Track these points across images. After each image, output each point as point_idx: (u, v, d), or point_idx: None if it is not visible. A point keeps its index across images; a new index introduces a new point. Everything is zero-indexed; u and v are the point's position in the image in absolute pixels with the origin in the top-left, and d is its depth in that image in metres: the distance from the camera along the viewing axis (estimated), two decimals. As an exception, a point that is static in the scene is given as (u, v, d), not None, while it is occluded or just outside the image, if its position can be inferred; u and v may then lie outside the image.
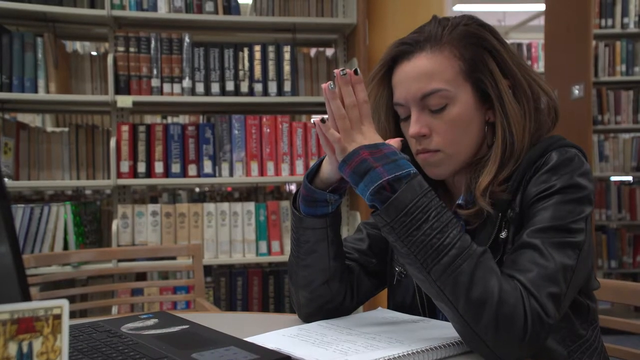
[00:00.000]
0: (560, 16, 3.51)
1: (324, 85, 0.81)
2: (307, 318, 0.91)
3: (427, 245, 0.72)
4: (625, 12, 3.45)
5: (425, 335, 0.78)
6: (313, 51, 2.67)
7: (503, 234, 0.80)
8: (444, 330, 0.80)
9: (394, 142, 0.84)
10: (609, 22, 3.45)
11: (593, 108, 3.44)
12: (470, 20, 0.87)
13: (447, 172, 0.87)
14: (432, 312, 0.90)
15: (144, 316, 0.90)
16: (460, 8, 6.28)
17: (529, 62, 4.70)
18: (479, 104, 0.85)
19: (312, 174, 0.90)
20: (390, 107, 0.91)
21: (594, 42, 3.33)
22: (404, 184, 0.74)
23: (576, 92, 3.16)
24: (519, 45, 4.76)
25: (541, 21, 3.78)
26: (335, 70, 0.81)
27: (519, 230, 0.79)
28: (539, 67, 4.54)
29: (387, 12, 2.64)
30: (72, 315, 1.56)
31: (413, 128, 0.84)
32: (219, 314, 1.27)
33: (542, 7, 3.73)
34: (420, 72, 0.84)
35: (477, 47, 0.84)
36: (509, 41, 4.83)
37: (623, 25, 3.45)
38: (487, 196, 0.81)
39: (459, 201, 0.86)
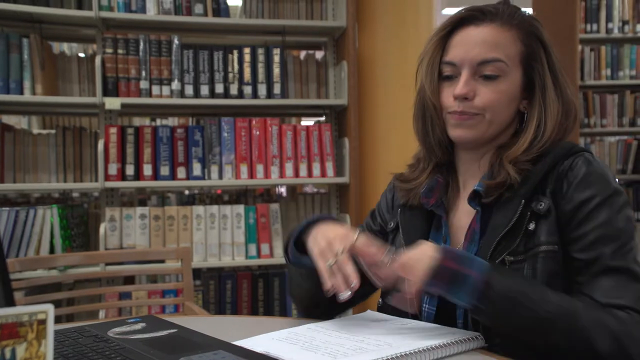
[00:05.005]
0: (547, 21, 3.53)
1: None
2: (305, 313, 0.98)
3: (536, 320, 0.75)
4: (609, 18, 3.50)
5: (414, 337, 0.78)
6: (303, 54, 2.67)
7: (531, 226, 0.83)
8: (432, 333, 0.80)
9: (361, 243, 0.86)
10: (594, 27, 3.49)
11: (580, 111, 3.48)
12: (534, 17, 0.94)
13: (475, 136, 0.90)
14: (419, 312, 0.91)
15: (132, 320, 0.89)
16: (449, 11, 6.33)
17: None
18: (522, 90, 0.91)
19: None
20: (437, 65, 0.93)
21: (579, 47, 3.37)
22: (496, 275, 0.77)
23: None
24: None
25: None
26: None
27: (553, 229, 0.82)
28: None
29: (376, 16, 2.65)
30: (58, 320, 1.55)
31: (462, 89, 0.88)
32: (208, 318, 1.26)
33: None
34: (486, 39, 0.88)
35: (537, 40, 0.91)
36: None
37: (608, 31, 3.50)
38: (514, 165, 0.86)
39: (476, 187, 0.88)
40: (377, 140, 2.64)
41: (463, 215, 0.93)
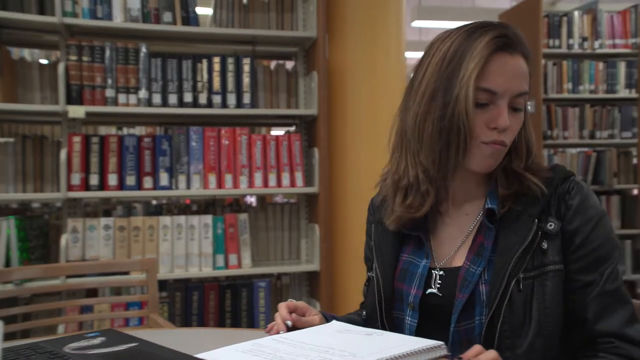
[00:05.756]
0: (513, 35, 3.65)
1: None
2: None
3: None
4: (570, 34, 3.62)
5: (378, 347, 0.77)
6: (273, 64, 2.67)
7: (544, 245, 0.85)
8: (397, 342, 0.79)
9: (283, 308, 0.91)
10: (557, 42, 3.60)
11: (543, 123, 3.57)
12: None
13: (497, 164, 0.90)
14: (389, 315, 0.93)
15: (90, 335, 0.86)
16: (418, 24, 6.45)
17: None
18: None
19: None
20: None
21: (543, 61, 3.47)
22: None
23: (528, 107, 3.29)
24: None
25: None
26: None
27: (559, 249, 0.85)
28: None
29: (346, 27, 2.67)
30: (12, 336, 1.48)
31: (506, 120, 0.86)
32: (173, 330, 1.23)
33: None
34: (522, 71, 0.87)
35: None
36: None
37: (569, 46, 3.61)
38: (532, 174, 0.88)
39: (490, 205, 0.88)
40: (347, 151, 2.65)
41: (451, 229, 0.93)
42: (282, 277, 2.55)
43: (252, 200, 3.41)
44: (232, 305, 2.38)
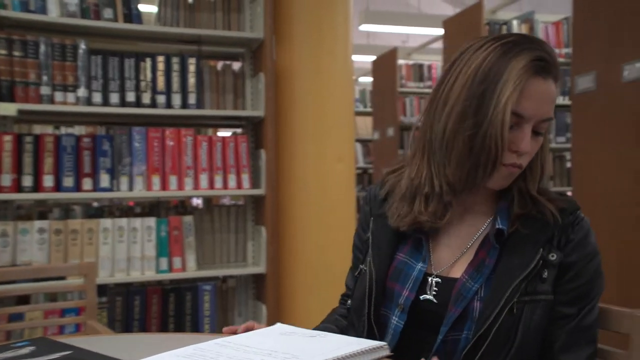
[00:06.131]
0: (456, 42, 3.77)
1: None
2: None
3: None
4: (510, 42, 3.78)
5: (322, 348, 0.78)
6: (220, 64, 2.63)
7: (545, 273, 0.85)
8: (340, 343, 0.80)
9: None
10: (497, 49, 3.75)
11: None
12: None
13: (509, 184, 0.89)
14: (376, 311, 0.92)
15: (19, 344, 0.82)
16: (366, 28, 6.55)
17: (430, 83, 4.98)
18: None
19: None
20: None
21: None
22: None
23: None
24: (421, 66, 5.03)
25: (441, 44, 4.03)
26: None
27: (554, 279, 0.85)
28: (438, 88, 4.81)
29: (294, 29, 2.67)
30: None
31: (529, 145, 0.84)
32: (111, 337, 1.19)
33: (441, 31, 3.98)
34: (552, 97, 0.85)
35: None
36: (411, 62, 5.12)
37: (509, 54, 3.77)
38: (542, 195, 0.88)
39: (500, 226, 0.87)
40: (294, 152, 2.65)
41: (453, 238, 0.92)
42: (228, 279, 2.52)
43: (198, 202, 3.35)
44: (176, 309, 2.33)
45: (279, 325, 0.96)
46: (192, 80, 2.36)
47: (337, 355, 0.74)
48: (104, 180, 2.21)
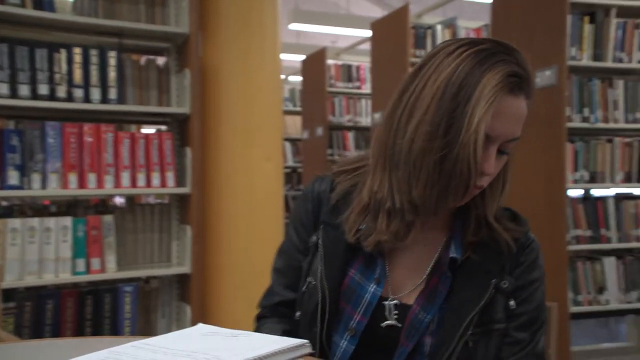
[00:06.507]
0: (383, 44, 3.88)
1: None
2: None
3: None
4: (434, 45, 3.94)
5: (243, 348, 0.78)
6: (143, 59, 2.54)
7: (499, 302, 0.83)
8: (262, 343, 0.81)
9: None
10: (422, 53, 3.90)
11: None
12: None
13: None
14: (329, 327, 0.88)
15: None
16: (295, 27, 6.58)
17: (358, 83, 5.08)
18: None
19: None
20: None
21: (410, 70, 3.74)
22: None
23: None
24: (350, 66, 5.11)
25: (369, 45, 4.12)
26: None
27: (505, 306, 0.83)
28: (367, 88, 4.93)
29: (221, 25, 2.64)
30: None
31: (492, 167, 0.78)
32: (15, 344, 1.12)
33: (370, 32, 4.08)
34: (522, 116, 0.78)
35: None
36: (340, 62, 5.20)
37: (432, 57, 3.93)
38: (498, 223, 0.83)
39: (454, 255, 0.83)
40: (220, 151, 2.62)
41: (409, 258, 0.87)
42: (152, 280, 2.45)
43: (121, 201, 3.22)
44: (94, 312, 2.23)
45: (200, 325, 0.94)
46: (112, 74, 2.27)
47: (259, 354, 0.75)
48: (13, 177, 2.07)
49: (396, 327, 0.85)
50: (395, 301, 0.85)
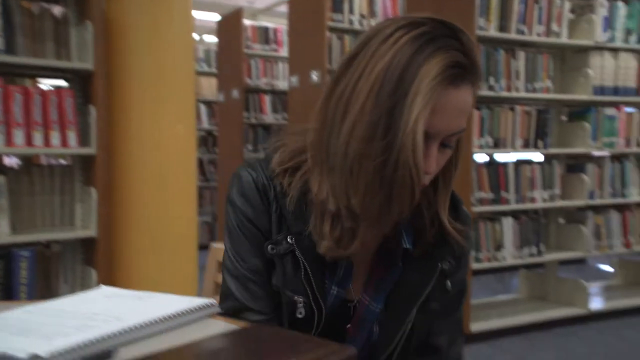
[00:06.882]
0: (301, 7, 3.81)
1: None
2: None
3: None
4: (351, 10, 3.93)
5: (147, 309, 0.75)
6: (36, 7, 2.31)
7: (447, 284, 0.82)
8: (167, 304, 0.78)
9: None
10: (340, 17, 3.88)
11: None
12: None
13: None
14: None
15: None
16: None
17: (275, 46, 4.98)
18: None
19: None
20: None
21: (328, 34, 3.72)
22: None
23: (314, 77, 3.50)
24: (267, 28, 5.00)
25: (286, 8, 4.04)
26: None
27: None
28: (284, 52, 4.86)
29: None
30: None
31: (434, 166, 0.72)
32: None
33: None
34: (465, 107, 0.70)
35: None
36: (257, 23, 5.06)
37: (350, 22, 3.93)
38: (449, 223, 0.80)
39: (407, 245, 0.80)
40: (129, 110, 2.48)
41: (356, 258, 0.82)
42: (53, 245, 2.31)
43: (15, 161, 2.97)
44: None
45: (103, 287, 0.90)
46: (-1, 21, 2.05)
47: (163, 314, 0.73)
48: None
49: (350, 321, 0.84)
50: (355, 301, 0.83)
